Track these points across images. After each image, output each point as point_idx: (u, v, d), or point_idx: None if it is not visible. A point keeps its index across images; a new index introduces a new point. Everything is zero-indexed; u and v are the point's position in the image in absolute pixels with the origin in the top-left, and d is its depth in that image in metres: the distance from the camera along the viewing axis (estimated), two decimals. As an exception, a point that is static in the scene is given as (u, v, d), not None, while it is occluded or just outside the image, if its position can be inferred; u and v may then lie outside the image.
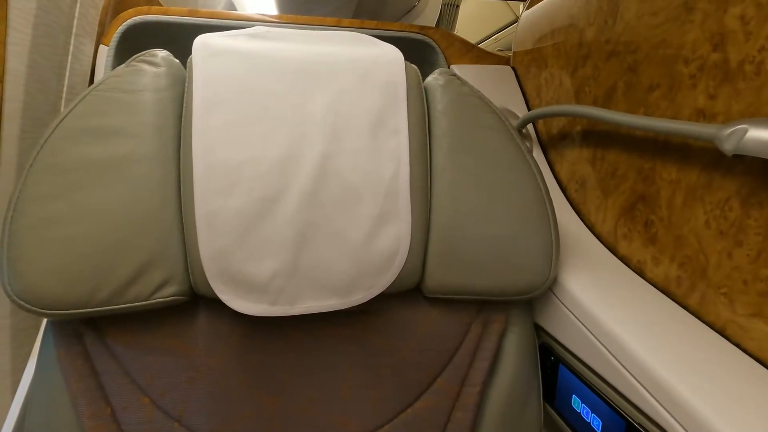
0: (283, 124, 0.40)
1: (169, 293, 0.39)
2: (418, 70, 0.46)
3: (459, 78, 0.47)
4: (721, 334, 0.39)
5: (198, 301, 0.44)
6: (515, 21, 1.88)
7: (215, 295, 0.40)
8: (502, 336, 0.48)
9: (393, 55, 0.44)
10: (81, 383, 0.40)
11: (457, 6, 1.84)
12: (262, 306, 0.40)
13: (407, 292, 0.46)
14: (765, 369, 0.35)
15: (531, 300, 0.51)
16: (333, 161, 0.40)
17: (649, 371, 0.36)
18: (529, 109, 0.72)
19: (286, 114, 0.40)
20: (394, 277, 0.42)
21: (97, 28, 0.66)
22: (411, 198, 0.42)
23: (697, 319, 0.40)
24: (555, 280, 0.48)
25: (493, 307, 0.48)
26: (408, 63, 0.45)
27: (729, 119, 0.37)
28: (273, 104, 0.40)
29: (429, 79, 0.48)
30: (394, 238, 0.42)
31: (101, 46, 0.69)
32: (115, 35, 0.69)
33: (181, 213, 0.40)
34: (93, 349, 0.41)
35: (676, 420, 0.34)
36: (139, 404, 0.41)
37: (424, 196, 0.43)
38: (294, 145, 0.40)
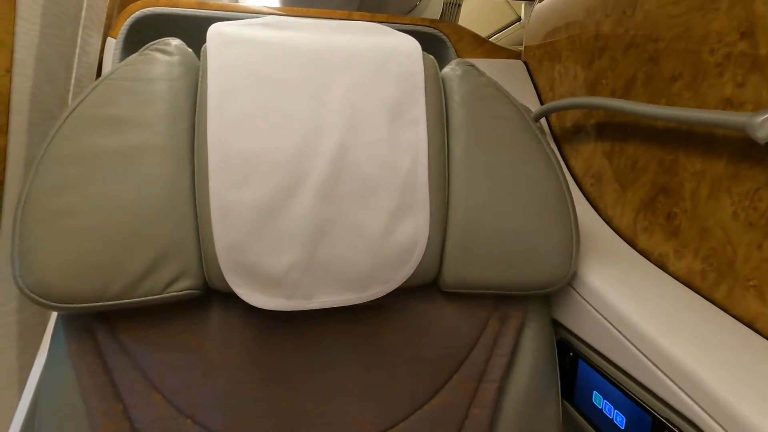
0: (300, 114, 0.39)
1: (182, 287, 0.39)
2: (435, 61, 0.45)
3: (476, 69, 0.46)
4: (750, 327, 0.38)
5: (211, 295, 0.43)
6: (517, 20, 1.87)
7: (229, 289, 0.39)
8: (519, 332, 0.47)
9: (410, 44, 0.44)
10: (93, 379, 0.39)
11: (459, 5, 1.83)
12: (278, 300, 0.39)
13: (424, 288, 0.46)
14: (797, 363, 0.34)
15: (548, 295, 0.50)
16: (350, 153, 0.39)
17: (678, 364, 0.35)
18: (541, 104, 0.71)
19: (303, 104, 0.39)
20: (412, 271, 0.42)
21: (104, 20, 0.65)
22: (429, 191, 0.41)
23: (724, 312, 0.40)
24: (575, 274, 0.47)
25: (510, 303, 0.47)
26: (425, 53, 0.44)
27: (759, 108, 0.36)
28: (289, 94, 0.39)
29: (446, 69, 0.47)
30: (412, 232, 0.41)
31: (109, 38, 0.68)
32: (122, 28, 0.68)
33: (195, 205, 0.39)
34: (105, 345, 0.40)
35: (708, 414, 0.33)
36: (151, 401, 0.40)
37: (442, 189, 0.43)
38: (310, 136, 0.39)
